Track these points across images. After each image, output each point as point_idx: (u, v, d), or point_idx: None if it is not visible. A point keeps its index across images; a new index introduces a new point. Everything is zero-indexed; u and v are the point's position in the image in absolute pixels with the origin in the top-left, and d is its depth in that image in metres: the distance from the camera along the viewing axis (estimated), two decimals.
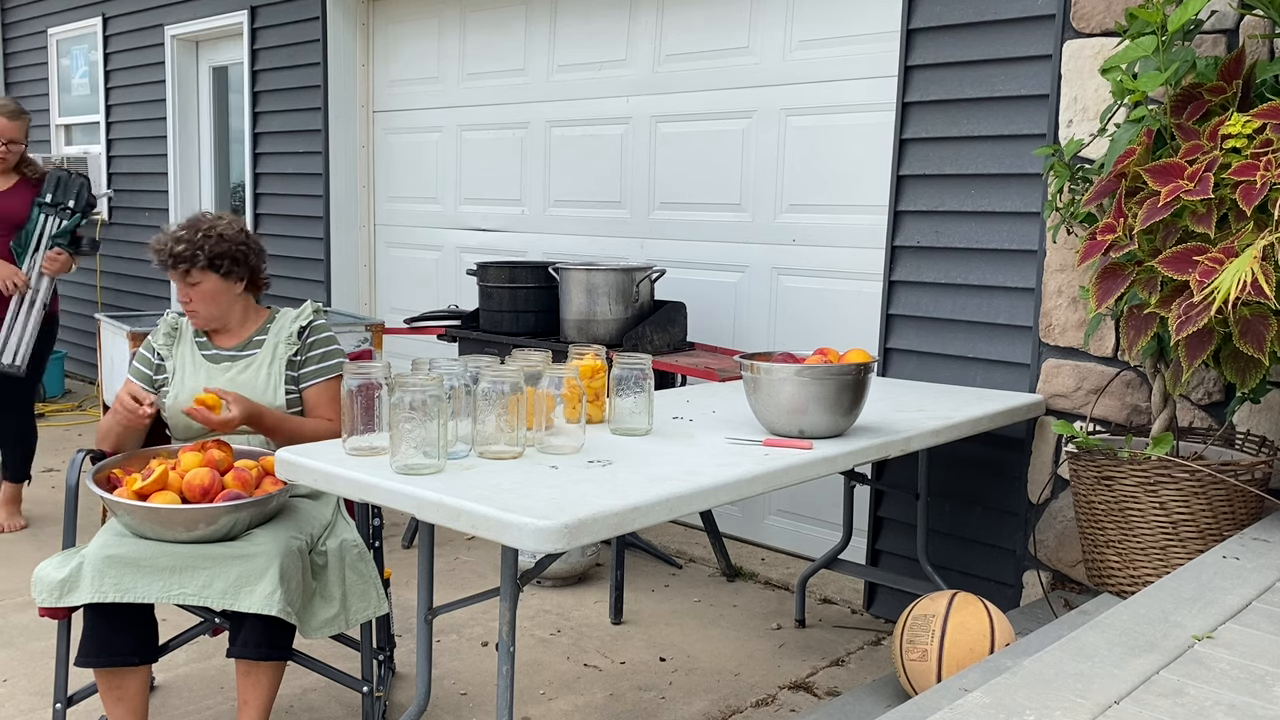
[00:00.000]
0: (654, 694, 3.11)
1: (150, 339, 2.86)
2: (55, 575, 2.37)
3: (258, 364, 2.79)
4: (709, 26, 4.31)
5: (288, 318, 2.86)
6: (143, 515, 2.37)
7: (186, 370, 2.78)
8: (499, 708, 2.29)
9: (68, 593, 2.35)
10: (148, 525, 2.38)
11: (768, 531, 4.29)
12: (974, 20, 3.33)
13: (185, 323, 2.85)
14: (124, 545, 2.37)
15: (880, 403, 3.00)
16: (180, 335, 2.84)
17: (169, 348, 2.82)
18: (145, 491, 2.41)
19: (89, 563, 2.35)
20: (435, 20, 5.41)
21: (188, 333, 2.84)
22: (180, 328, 2.85)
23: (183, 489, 2.43)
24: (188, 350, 2.81)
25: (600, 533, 1.94)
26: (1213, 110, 2.54)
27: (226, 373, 2.76)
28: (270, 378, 2.77)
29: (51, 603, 2.36)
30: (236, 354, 2.81)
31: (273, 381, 2.77)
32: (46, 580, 2.37)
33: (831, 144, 3.97)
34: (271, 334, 2.83)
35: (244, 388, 2.73)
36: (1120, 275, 2.50)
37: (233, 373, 2.77)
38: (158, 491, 2.41)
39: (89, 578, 2.33)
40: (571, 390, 2.37)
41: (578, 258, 4.70)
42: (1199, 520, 2.51)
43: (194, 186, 6.89)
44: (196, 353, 2.81)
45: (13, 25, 8.27)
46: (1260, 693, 1.59)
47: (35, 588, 2.38)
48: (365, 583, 2.58)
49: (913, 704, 1.97)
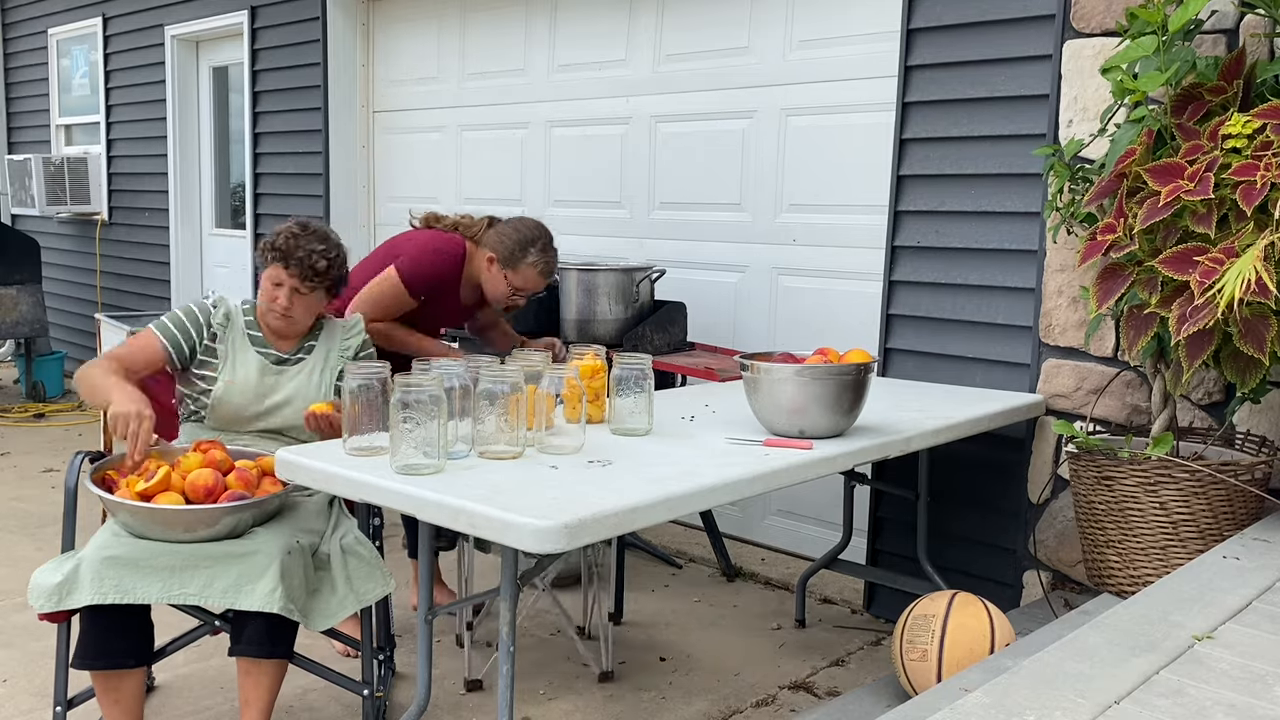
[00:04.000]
0: (654, 694, 3.11)
1: (204, 313, 2.80)
2: (50, 580, 2.35)
3: (308, 369, 2.82)
4: (709, 26, 4.31)
5: (337, 329, 2.90)
6: (146, 516, 2.36)
7: (237, 362, 2.77)
8: (499, 708, 2.29)
9: (66, 595, 2.34)
10: (151, 526, 2.38)
11: (768, 531, 4.28)
12: (974, 20, 3.33)
13: (239, 310, 2.83)
14: (123, 546, 2.36)
15: (880, 403, 3.00)
16: (233, 323, 2.81)
17: (224, 329, 2.79)
18: (149, 493, 2.40)
19: (87, 564, 2.34)
20: (435, 20, 5.41)
21: (240, 322, 2.82)
22: (232, 315, 2.82)
23: (185, 490, 2.43)
24: (242, 340, 2.79)
25: (600, 533, 1.94)
26: (1213, 110, 2.54)
27: (280, 374, 2.78)
28: (321, 386, 2.81)
29: (50, 607, 2.35)
30: (290, 357, 2.82)
31: (323, 389, 2.80)
32: (42, 586, 2.36)
33: (831, 144, 3.96)
34: (322, 341, 2.86)
35: (300, 395, 2.77)
36: (1120, 275, 2.50)
37: (285, 375, 2.79)
38: (161, 493, 2.41)
39: (88, 579, 2.32)
40: (571, 390, 2.37)
41: (578, 258, 4.70)
42: (1199, 520, 2.51)
43: (194, 186, 6.89)
44: (250, 347, 2.79)
45: (13, 25, 8.27)
46: (1260, 693, 1.58)
47: (31, 595, 2.37)
48: (369, 565, 2.59)
49: (913, 704, 1.97)
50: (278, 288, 2.73)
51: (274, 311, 2.75)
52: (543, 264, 3.39)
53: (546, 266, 3.40)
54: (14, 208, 7.69)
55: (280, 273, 2.72)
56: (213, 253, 6.90)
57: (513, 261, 3.36)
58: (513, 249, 3.35)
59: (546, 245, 3.39)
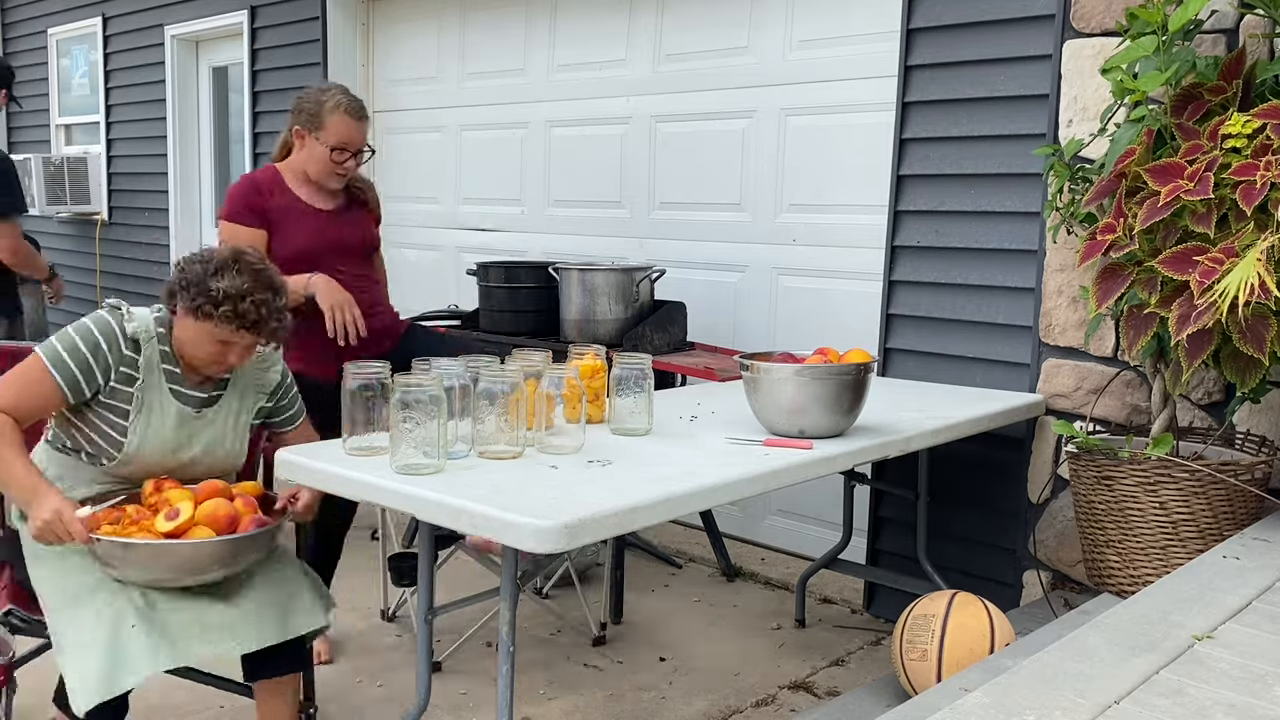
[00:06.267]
0: (654, 694, 3.11)
1: (109, 339, 2.25)
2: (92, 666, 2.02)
3: (225, 413, 2.40)
4: (709, 26, 4.31)
5: (249, 363, 2.42)
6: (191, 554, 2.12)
7: (153, 408, 2.29)
8: (499, 708, 2.29)
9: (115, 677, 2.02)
10: (182, 568, 2.14)
11: (768, 531, 4.28)
12: (974, 20, 3.33)
13: (152, 337, 2.29)
14: (157, 600, 2.14)
15: (880, 403, 3.00)
16: (146, 358, 2.28)
17: (135, 364, 2.27)
18: (179, 532, 2.15)
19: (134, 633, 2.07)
20: (435, 20, 5.41)
21: (155, 356, 2.29)
22: (144, 345, 2.28)
23: (208, 524, 2.19)
24: (158, 380, 2.30)
25: (600, 532, 1.94)
26: (1213, 110, 2.54)
27: (195, 422, 2.35)
28: (238, 430, 2.43)
29: (105, 696, 2.00)
30: (207, 396, 2.37)
31: (240, 433, 2.44)
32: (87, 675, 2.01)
33: (831, 144, 3.96)
34: (237, 377, 2.42)
35: (217, 443, 2.38)
36: (1120, 275, 2.50)
37: (200, 424, 2.35)
38: (193, 528, 2.17)
39: (139, 650, 2.05)
40: (571, 390, 2.37)
41: (577, 257, 4.69)
42: (1199, 520, 2.51)
43: (194, 186, 6.89)
44: (165, 387, 2.30)
45: (13, 25, 8.27)
46: (1260, 693, 1.58)
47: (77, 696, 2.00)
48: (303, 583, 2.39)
49: (913, 704, 1.97)
50: (227, 346, 2.26)
51: (220, 366, 2.31)
52: (345, 101, 3.09)
53: (350, 103, 3.10)
54: None
55: (236, 336, 2.24)
56: None
57: (316, 119, 3.07)
58: (310, 108, 3.08)
59: (342, 89, 3.13)
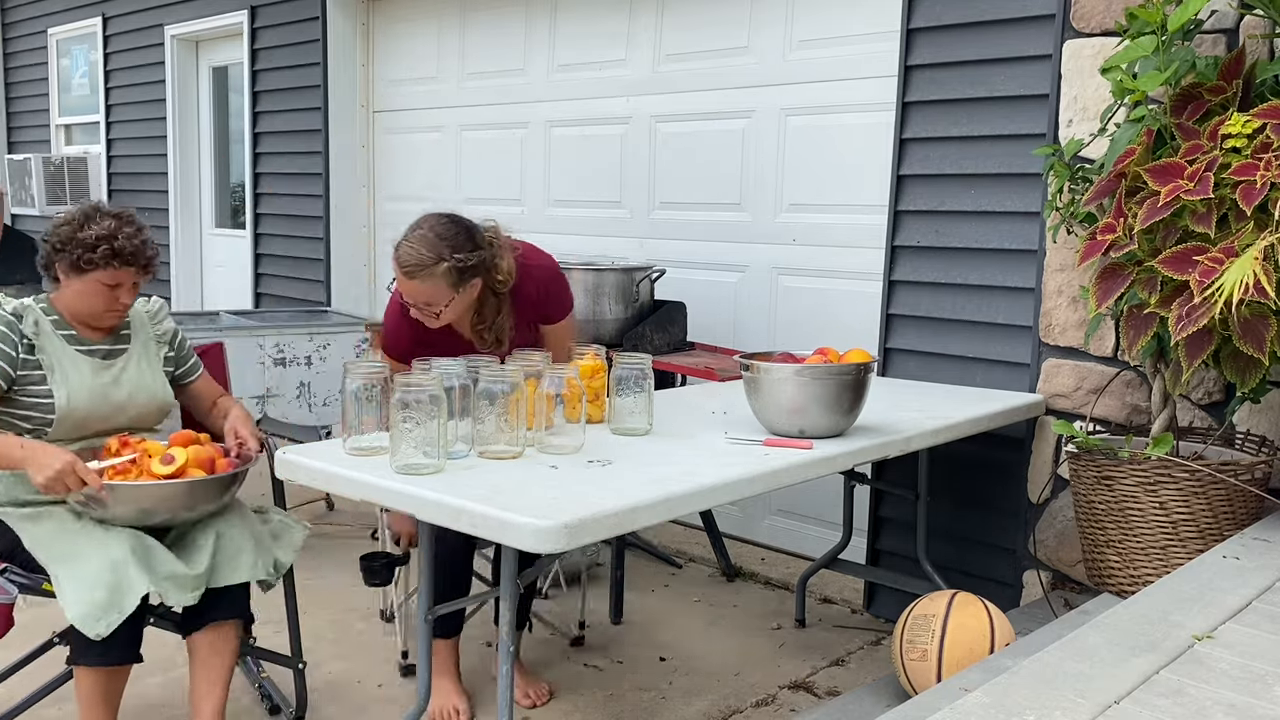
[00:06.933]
0: (654, 694, 3.11)
1: (11, 326, 2.50)
2: (94, 596, 2.25)
3: (135, 360, 2.65)
4: (709, 26, 4.31)
5: (141, 311, 2.72)
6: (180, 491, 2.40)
7: (67, 368, 2.53)
8: (499, 708, 2.29)
9: (121, 601, 2.27)
10: (174, 504, 2.41)
11: (768, 531, 4.28)
12: (974, 20, 3.33)
13: (40, 311, 2.55)
14: (139, 537, 2.37)
15: (880, 403, 2.99)
16: (42, 328, 2.53)
17: (37, 336, 2.52)
18: (178, 474, 2.42)
19: (130, 562, 2.29)
20: (435, 20, 5.41)
21: (47, 325, 2.54)
22: (40, 320, 2.54)
23: (197, 466, 2.47)
24: (59, 344, 2.54)
25: (600, 532, 1.94)
26: (1213, 110, 2.54)
27: (110, 370, 2.59)
28: (154, 373, 2.67)
29: (114, 622, 2.25)
30: (110, 348, 2.62)
31: (156, 375, 2.67)
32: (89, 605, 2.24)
33: (831, 144, 3.96)
34: (134, 329, 2.68)
35: (141, 387, 2.63)
36: (1120, 275, 2.50)
37: (116, 370, 2.60)
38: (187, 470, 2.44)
39: (136, 575, 2.28)
40: (571, 390, 2.37)
41: (578, 257, 4.69)
42: (1199, 520, 2.51)
43: (194, 186, 6.89)
44: (68, 347, 2.55)
45: (13, 25, 8.27)
46: (1260, 693, 1.58)
47: (85, 623, 2.23)
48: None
49: (913, 704, 1.97)
50: (116, 289, 2.52)
51: (115, 312, 2.56)
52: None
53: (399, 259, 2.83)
54: (14, 207, 7.68)
55: (121, 274, 2.50)
56: (212, 252, 6.91)
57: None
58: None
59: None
